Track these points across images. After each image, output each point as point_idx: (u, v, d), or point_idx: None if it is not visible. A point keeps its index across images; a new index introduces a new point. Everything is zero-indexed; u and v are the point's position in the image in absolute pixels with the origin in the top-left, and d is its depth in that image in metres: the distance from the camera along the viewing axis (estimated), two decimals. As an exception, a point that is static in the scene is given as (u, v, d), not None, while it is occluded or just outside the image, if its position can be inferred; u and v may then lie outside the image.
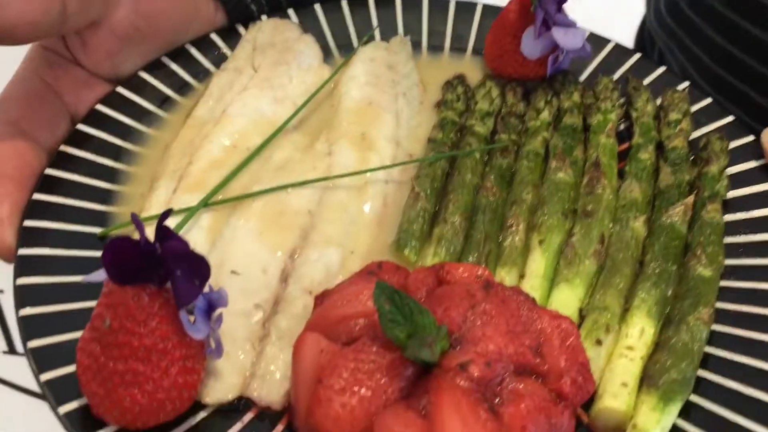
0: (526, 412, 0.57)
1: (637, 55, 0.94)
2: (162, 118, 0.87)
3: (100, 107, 0.84)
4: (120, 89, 0.86)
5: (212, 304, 0.60)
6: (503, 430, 0.57)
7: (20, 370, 1.80)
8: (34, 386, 1.68)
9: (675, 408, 0.62)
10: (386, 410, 0.57)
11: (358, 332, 0.62)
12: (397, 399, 0.58)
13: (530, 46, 0.88)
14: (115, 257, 0.54)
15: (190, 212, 0.72)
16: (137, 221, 0.55)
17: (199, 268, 0.56)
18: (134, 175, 0.80)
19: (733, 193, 0.80)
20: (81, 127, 0.82)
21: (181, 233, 0.71)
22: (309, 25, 0.97)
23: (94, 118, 0.83)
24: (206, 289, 0.60)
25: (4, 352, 1.82)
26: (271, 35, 0.93)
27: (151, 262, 0.55)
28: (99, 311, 0.57)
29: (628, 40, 1.32)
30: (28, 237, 0.71)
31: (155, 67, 0.89)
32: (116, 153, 0.81)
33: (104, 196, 0.77)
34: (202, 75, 0.91)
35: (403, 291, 0.65)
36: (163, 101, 0.88)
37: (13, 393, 1.78)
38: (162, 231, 0.56)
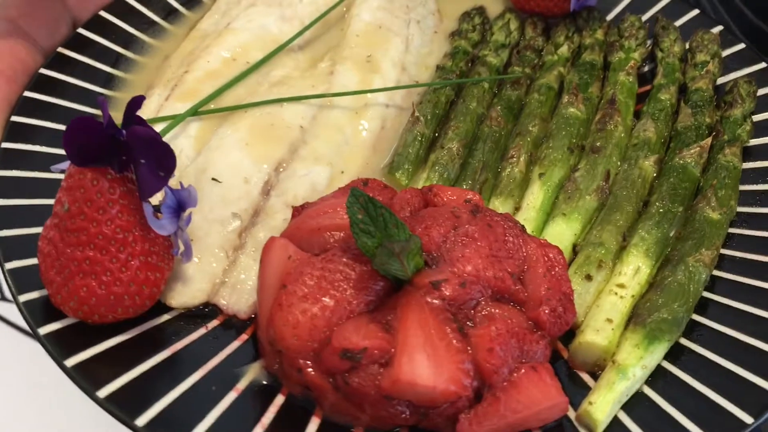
0: (496, 334, 0.54)
1: (672, -4, 0.89)
2: (166, 30, 0.84)
3: (104, 14, 0.82)
4: (127, -3, 0.84)
5: (182, 203, 0.57)
6: (469, 350, 0.53)
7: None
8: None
9: (661, 348, 0.58)
10: (348, 321, 0.54)
11: (332, 245, 0.59)
12: (362, 312, 0.55)
13: (554, -24, 0.83)
14: (75, 136, 0.52)
15: (178, 118, 0.70)
16: (103, 104, 0.53)
17: (164, 157, 0.54)
18: (131, 82, 0.79)
19: (756, 141, 0.74)
20: (82, 31, 0.80)
21: (167, 139, 0.69)
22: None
23: (97, 24, 0.81)
24: (177, 186, 0.58)
25: None
26: (285, -47, 0.90)
27: (115, 145, 0.53)
28: (59, 196, 0.55)
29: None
30: (13, 132, 0.70)
31: (165, -22, 0.87)
32: (115, 60, 0.79)
33: (95, 100, 0.75)
34: (213, -10, 0.89)
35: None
36: (170, 12, 0.86)
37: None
38: (130, 115, 0.54)
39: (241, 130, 0.71)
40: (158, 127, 0.69)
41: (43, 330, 0.56)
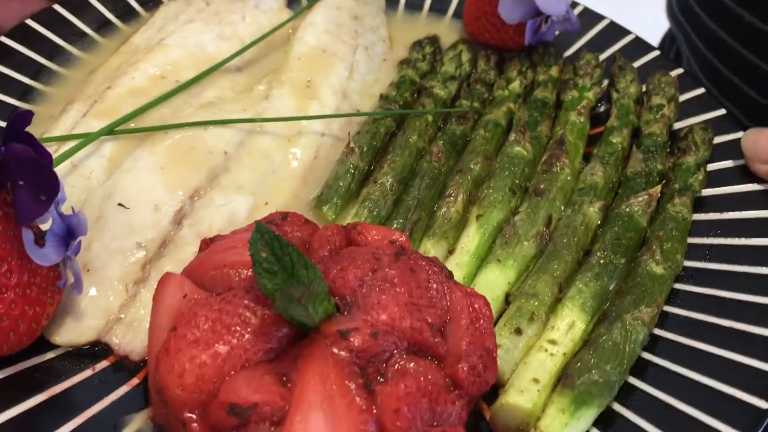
0: (404, 393, 0.48)
1: (632, 36, 0.85)
2: (97, 42, 0.80)
3: (29, 22, 0.77)
4: (57, 7, 0.79)
5: (71, 230, 0.52)
6: (374, 410, 0.48)
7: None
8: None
9: (589, 413, 0.53)
10: (241, 372, 0.49)
11: (236, 284, 0.54)
12: (260, 361, 0.50)
13: (508, 8, 0.79)
14: (-59, 152, 0.47)
15: (91, 136, 0.65)
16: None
17: (46, 181, 0.48)
18: (50, 96, 0.74)
19: (709, 191, 0.70)
20: (3, 39, 0.75)
21: (78, 158, 0.64)
22: (278, -34, 0.89)
23: (21, 32, 0.77)
24: (69, 212, 0.52)
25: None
26: (232, -30, 0.85)
27: (-12, 164, 0.48)
28: (-74, 218, 0.49)
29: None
30: None
31: (101, -12, 0.83)
32: (36, 71, 0.75)
33: (10, 113, 0.70)
34: (151, 4, 0.84)
35: (303, 246, 0.58)
36: (103, 24, 0.81)
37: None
38: (11, 132, 0.49)
39: (157, 153, 0.65)
40: (69, 145, 0.64)
41: None
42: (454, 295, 0.55)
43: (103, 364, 0.55)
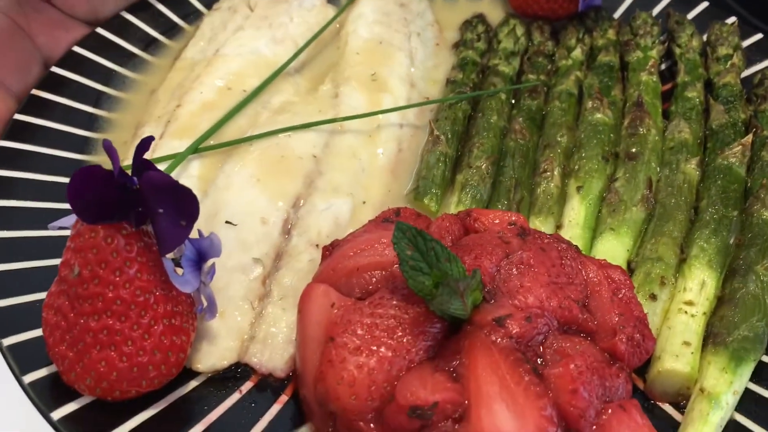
0: (577, 372, 0.48)
1: (677, -11, 0.85)
2: (147, 62, 0.78)
3: (77, 49, 0.75)
4: (100, 30, 0.77)
5: (203, 254, 0.51)
6: (550, 393, 0.47)
7: None
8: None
9: (747, 368, 0.53)
10: (410, 372, 0.48)
11: (375, 285, 0.53)
12: (422, 360, 0.49)
13: (560, -24, 0.78)
14: (82, 189, 0.45)
15: (178, 157, 0.63)
16: (110, 149, 0.46)
17: (185, 204, 0.47)
18: (116, 122, 0.72)
19: (795, 133, 0.70)
20: (56, 70, 0.73)
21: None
22: (311, -38, 0.87)
23: (71, 60, 0.74)
24: (195, 235, 0.51)
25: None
26: (269, -29, 0.84)
27: (128, 196, 0.46)
28: (66, 257, 0.47)
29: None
30: (-6, 188, 0.62)
31: (140, 7, 0.81)
32: (96, 98, 0.73)
33: (81, 145, 0.69)
34: (193, 16, 0.82)
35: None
36: (149, 43, 0.79)
37: None
38: (140, 161, 0.47)
39: (249, 166, 0.64)
40: (159, 168, 0.62)
41: (57, 414, 0.49)
42: (588, 269, 0.55)
43: (248, 385, 0.54)
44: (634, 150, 0.68)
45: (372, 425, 0.47)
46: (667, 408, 0.54)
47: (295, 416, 0.52)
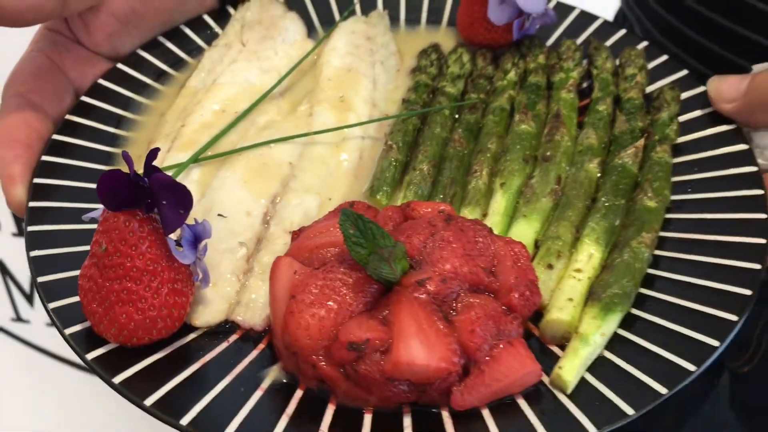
0: (476, 317, 0.64)
1: (600, 20, 1.01)
2: (158, 90, 0.95)
3: (102, 81, 0.92)
4: (120, 65, 0.94)
5: (197, 235, 0.67)
6: (455, 333, 0.63)
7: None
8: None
9: (615, 317, 0.68)
10: (351, 320, 0.64)
11: (329, 259, 0.69)
12: (361, 311, 0.65)
13: (496, 12, 0.95)
14: (108, 186, 0.62)
15: (182, 166, 0.80)
16: (127, 157, 0.63)
17: (182, 198, 0.64)
18: (133, 140, 0.88)
19: (683, 138, 0.86)
20: (85, 98, 0.90)
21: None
22: (294, 3, 1.05)
23: (97, 90, 0.91)
24: (192, 222, 0.67)
25: (47, 325, 1.94)
26: (258, 13, 1.01)
27: (140, 191, 0.63)
28: (96, 238, 0.64)
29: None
30: (37, 192, 0.79)
31: (152, 45, 0.98)
32: (117, 121, 0.89)
33: (106, 158, 0.85)
34: (195, 51, 0.99)
35: (371, 224, 0.73)
36: (159, 75, 0.96)
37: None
38: (149, 166, 0.64)
39: (238, 171, 0.81)
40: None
41: (90, 356, 0.65)
42: (497, 244, 0.71)
43: (234, 337, 0.70)
44: (548, 153, 0.84)
45: (322, 358, 0.64)
46: (555, 349, 0.69)
47: (269, 358, 0.69)
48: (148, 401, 0.62)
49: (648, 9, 1.12)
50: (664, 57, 0.94)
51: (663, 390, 0.63)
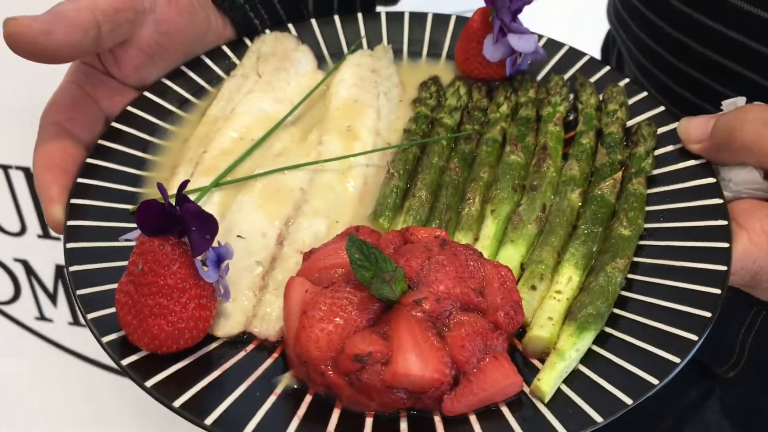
0: (465, 334, 0.72)
1: (587, 57, 1.10)
2: (181, 117, 1.03)
3: (130, 109, 1.01)
4: (147, 94, 1.03)
5: (220, 257, 0.76)
6: (447, 348, 0.72)
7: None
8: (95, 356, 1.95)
9: (589, 335, 0.77)
10: (355, 334, 0.73)
11: (336, 278, 0.78)
12: (365, 327, 0.74)
13: (490, 50, 1.04)
14: (145, 214, 0.71)
15: (204, 190, 0.89)
16: (162, 188, 0.72)
17: (209, 225, 0.72)
18: (159, 164, 0.97)
19: (657, 171, 0.94)
20: (115, 125, 0.99)
21: (197, 207, 0.88)
22: (306, 36, 1.14)
23: (126, 117, 1.00)
24: (216, 245, 0.76)
25: (69, 324, 2.04)
26: (272, 46, 1.10)
27: (173, 219, 0.72)
28: (133, 259, 0.73)
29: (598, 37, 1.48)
30: (74, 212, 0.88)
31: (175, 75, 1.06)
32: (144, 146, 0.98)
33: (134, 180, 0.94)
34: (215, 81, 1.08)
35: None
36: (183, 103, 1.05)
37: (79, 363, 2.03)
38: (180, 196, 0.73)
39: (255, 196, 0.90)
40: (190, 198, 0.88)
41: (125, 362, 0.74)
42: (486, 267, 0.79)
43: (251, 346, 0.79)
44: (535, 183, 0.92)
45: (329, 368, 0.72)
46: (536, 362, 0.78)
47: (282, 366, 0.77)
48: (176, 403, 0.71)
49: (633, 35, 1.21)
50: (644, 93, 1.03)
51: (629, 401, 0.72)
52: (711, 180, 0.91)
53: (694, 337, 0.76)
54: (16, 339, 2.07)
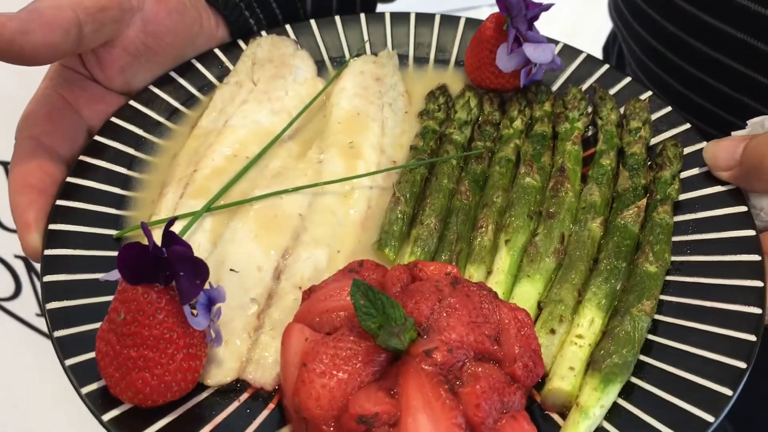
0: (481, 391, 0.66)
1: (606, 66, 1.02)
2: (170, 129, 0.96)
3: (114, 120, 0.93)
4: (132, 102, 0.95)
5: (212, 299, 0.69)
6: (461, 407, 0.66)
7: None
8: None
9: (615, 388, 0.70)
10: (360, 391, 0.66)
11: (339, 323, 0.72)
12: (370, 381, 0.67)
13: (504, 60, 0.96)
14: (127, 261, 0.64)
15: (194, 217, 0.82)
16: (146, 229, 0.65)
17: (199, 269, 0.65)
18: (146, 182, 0.90)
19: (684, 196, 0.88)
20: (98, 138, 0.91)
21: (186, 235, 0.81)
22: (304, 39, 1.06)
23: (109, 129, 0.92)
24: (207, 286, 0.69)
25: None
26: (269, 51, 1.02)
27: (159, 264, 0.65)
28: (114, 306, 0.66)
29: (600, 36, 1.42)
30: (52, 239, 0.80)
31: (164, 81, 0.99)
32: (129, 162, 0.91)
33: (119, 201, 0.87)
34: (207, 88, 1.01)
35: (380, 287, 0.75)
36: (172, 113, 0.97)
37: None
38: (168, 236, 0.66)
39: (249, 223, 0.82)
40: (179, 224, 0.81)
41: (106, 417, 0.68)
42: (502, 311, 0.73)
43: (245, 396, 0.73)
44: (552, 210, 0.86)
45: (332, 427, 0.66)
46: (556, 417, 0.72)
47: (279, 419, 0.71)
48: (164, 465, 0.65)
49: (636, 34, 1.15)
50: (668, 108, 0.96)
51: (657, 462, 0.66)
52: (742, 209, 0.84)
53: (728, 392, 0.70)
54: (17, 335, 2.03)
